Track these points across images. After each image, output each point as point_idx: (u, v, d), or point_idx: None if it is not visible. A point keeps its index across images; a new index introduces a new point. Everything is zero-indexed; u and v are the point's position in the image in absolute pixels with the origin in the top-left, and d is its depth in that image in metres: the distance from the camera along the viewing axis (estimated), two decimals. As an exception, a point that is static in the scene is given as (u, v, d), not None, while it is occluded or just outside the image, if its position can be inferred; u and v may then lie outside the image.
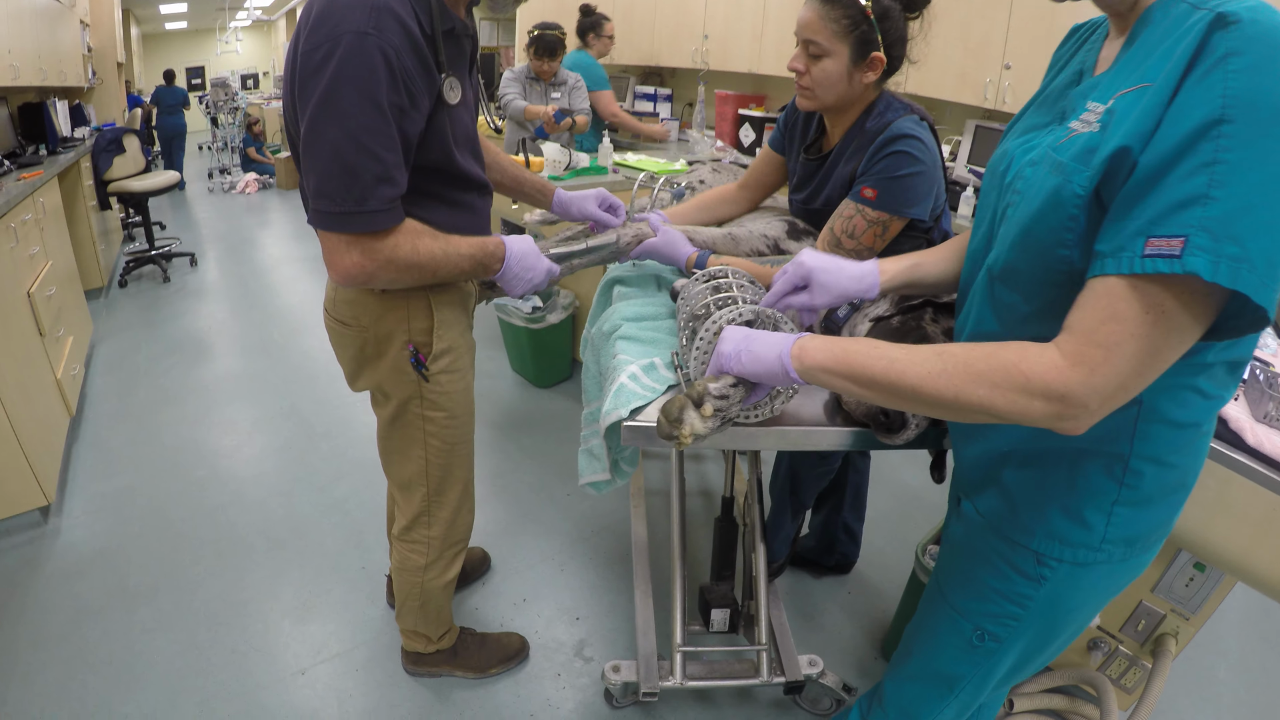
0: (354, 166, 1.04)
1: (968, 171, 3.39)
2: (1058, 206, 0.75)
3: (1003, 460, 0.94)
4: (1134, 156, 0.68)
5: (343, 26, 1.01)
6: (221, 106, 8.54)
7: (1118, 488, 0.86)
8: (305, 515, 2.41)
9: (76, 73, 5.32)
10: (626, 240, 1.48)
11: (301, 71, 1.04)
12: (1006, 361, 0.73)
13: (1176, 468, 0.86)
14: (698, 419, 0.85)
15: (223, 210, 7.26)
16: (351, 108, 1.02)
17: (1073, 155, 0.75)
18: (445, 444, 1.46)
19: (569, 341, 3.32)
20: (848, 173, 1.43)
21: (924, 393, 0.77)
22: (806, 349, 0.86)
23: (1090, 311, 0.70)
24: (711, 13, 4.62)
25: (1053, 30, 2.90)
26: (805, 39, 1.34)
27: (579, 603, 2.08)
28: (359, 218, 1.07)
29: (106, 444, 2.84)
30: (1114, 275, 0.68)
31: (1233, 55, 0.63)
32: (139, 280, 4.93)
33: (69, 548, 2.25)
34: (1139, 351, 0.68)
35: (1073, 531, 0.89)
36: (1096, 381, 0.69)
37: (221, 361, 3.63)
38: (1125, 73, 0.76)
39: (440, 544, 1.57)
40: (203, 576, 2.13)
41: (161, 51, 16.26)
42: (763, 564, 1.72)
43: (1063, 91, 0.89)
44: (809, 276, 1.08)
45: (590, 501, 2.50)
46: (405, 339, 1.33)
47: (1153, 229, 0.65)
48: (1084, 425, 0.72)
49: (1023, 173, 0.84)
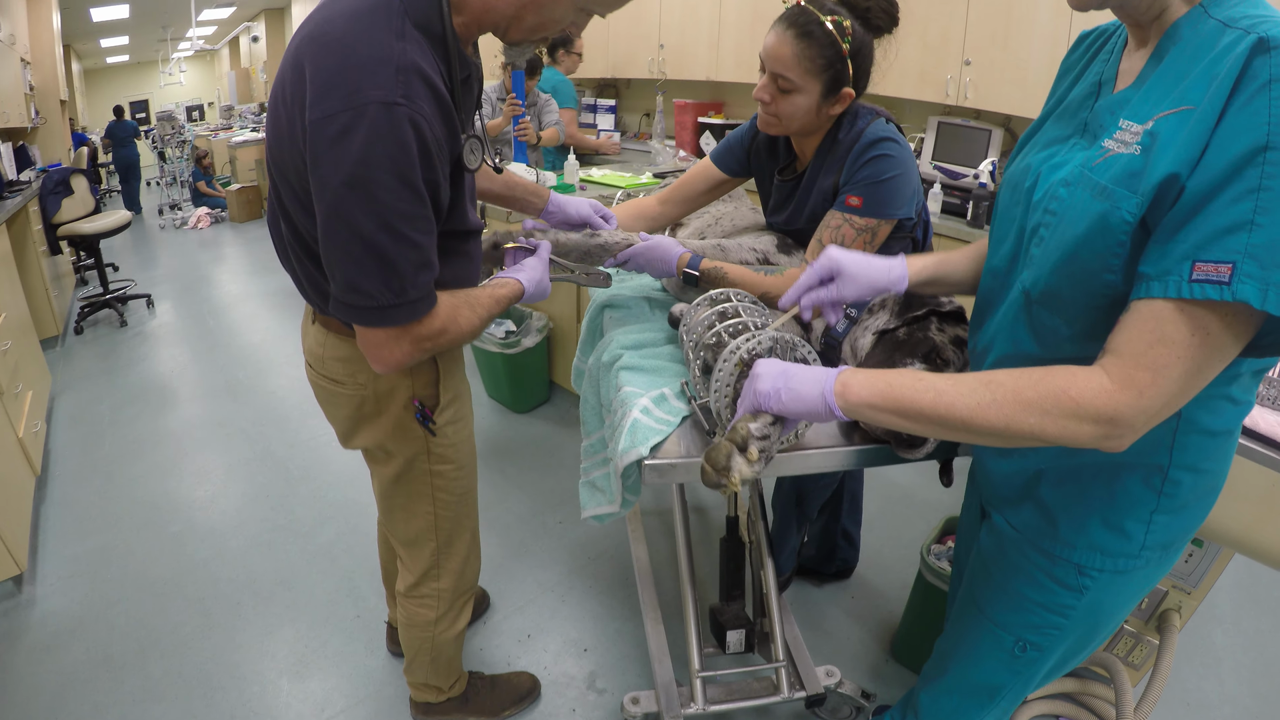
0: (393, 259, 0.94)
1: (933, 168, 3.42)
2: (1105, 232, 0.74)
3: (1038, 477, 0.94)
4: (1181, 182, 0.68)
5: (366, 94, 0.87)
6: (169, 140, 8.35)
7: (1156, 497, 0.87)
8: (291, 565, 2.33)
9: (19, 113, 5.15)
10: (615, 240, 1.44)
11: (315, 145, 0.90)
12: (1055, 388, 0.73)
13: (1210, 473, 0.88)
14: (744, 464, 0.83)
15: (176, 247, 7.06)
16: (385, 194, 0.90)
17: (1114, 179, 0.74)
18: (454, 496, 1.38)
19: (545, 364, 3.28)
20: (829, 185, 1.42)
21: (975, 424, 0.77)
22: (850, 385, 0.84)
23: (1137, 334, 0.70)
24: (667, 22, 4.63)
25: (1010, 25, 2.96)
26: (775, 72, 1.31)
27: (585, 633, 2.04)
28: (402, 310, 0.98)
29: (76, 503, 2.72)
30: (1160, 299, 0.68)
31: (1276, 81, 0.64)
32: (95, 326, 4.76)
33: (47, 617, 2.14)
34: (1185, 373, 0.69)
35: (1113, 542, 0.90)
36: (1145, 404, 0.70)
37: (187, 407, 3.51)
38: (1160, 92, 0.75)
39: (450, 595, 1.50)
40: (190, 638, 2.04)
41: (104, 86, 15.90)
42: (773, 580, 1.69)
43: (1082, 102, 0.88)
44: (838, 268, 1.08)
45: (584, 528, 2.45)
46: (409, 395, 1.23)
47: (1199, 253, 0.66)
48: (1128, 443, 0.73)
49: (1056, 193, 0.83)
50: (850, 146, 1.36)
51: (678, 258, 1.43)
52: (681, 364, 1.31)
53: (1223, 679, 1.94)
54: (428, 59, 0.94)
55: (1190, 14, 0.75)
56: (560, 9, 1.02)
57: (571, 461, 2.86)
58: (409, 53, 0.90)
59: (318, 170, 0.91)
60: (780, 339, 1.04)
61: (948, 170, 3.36)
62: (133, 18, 10.35)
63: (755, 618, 1.78)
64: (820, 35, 1.26)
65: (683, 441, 1.10)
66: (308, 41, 0.93)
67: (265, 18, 11.99)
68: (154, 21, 11.15)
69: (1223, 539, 1.25)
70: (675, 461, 1.07)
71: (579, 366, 1.71)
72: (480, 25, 1.04)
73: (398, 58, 0.89)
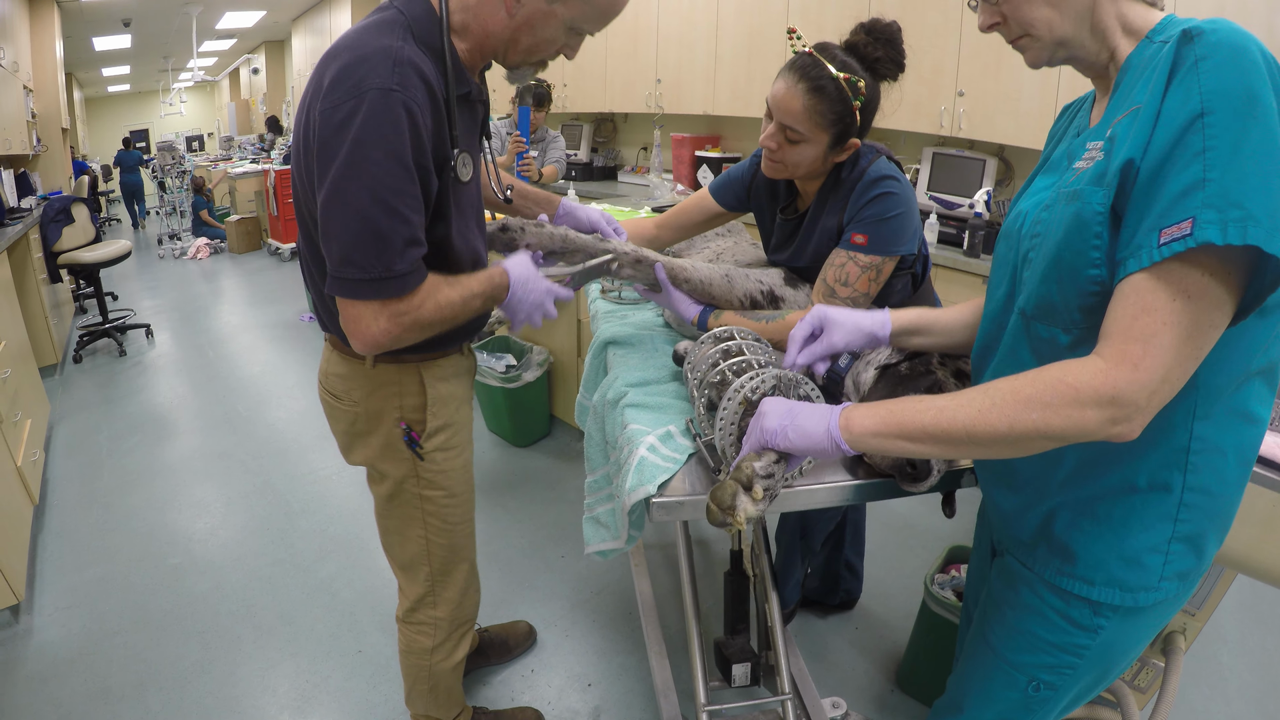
0: (384, 231, 1.01)
1: (928, 198, 3.47)
2: (1081, 228, 0.77)
3: (1051, 515, 0.94)
4: (1136, 165, 0.73)
5: (367, 82, 0.97)
6: (169, 170, 8.39)
7: (1172, 524, 0.86)
8: (292, 599, 2.31)
9: (21, 140, 5.19)
10: (628, 259, 1.42)
11: (321, 131, 1.00)
12: (1052, 379, 0.74)
13: (1223, 497, 0.87)
14: (749, 503, 0.83)
15: (176, 278, 7.09)
16: (379, 169, 0.98)
17: (1086, 182, 0.79)
18: (446, 523, 1.40)
19: (546, 399, 3.29)
20: (833, 224, 1.43)
21: (978, 431, 0.77)
22: (853, 418, 0.85)
23: (1122, 311, 0.72)
24: (664, 56, 4.70)
25: (1001, 57, 3.02)
26: (784, 124, 1.33)
27: (589, 668, 2.02)
28: (390, 283, 1.04)
29: (74, 533, 2.71)
30: (1137, 273, 0.71)
31: (1202, 60, 0.70)
32: (94, 355, 4.76)
33: (44, 648, 2.12)
34: (1176, 338, 0.70)
35: (1132, 575, 0.89)
36: (1142, 376, 0.70)
37: (186, 439, 3.50)
38: (1116, 108, 0.81)
39: (448, 625, 1.51)
40: (190, 672, 2.02)
41: (105, 115, 16.05)
42: (777, 613, 1.69)
43: (1065, 154, 0.92)
44: (824, 319, 1.14)
45: (586, 562, 2.44)
46: (397, 416, 1.29)
47: (1163, 221, 0.69)
48: (1138, 426, 0.73)
49: (1039, 218, 0.87)
50: (854, 185, 1.38)
51: (691, 318, 1.47)
52: (686, 400, 1.32)
53: (1229, 700, 1.94)
54: (426, 64, 1.04)
55: (1138, 46, 0.82)
56: (551, 29, 1.10)
57: (573, 495, 2.86)
58: (406, 51, 1.01)
59: (323, 153, 1.00)
60: (784, 377, 1.05)
61: (943, 200, 3.41)
62: (134, 48, 10.49)
63: (760, 650, 1.77)
64: (832, 91, 1.28)
65: (688, 479, 1.11)
66: (326, 55, 1.04)
67: (265, 50, 12.15)
68: (155, 52, 11.30)
69: (1226, 560, 1.26)
70: (682, 499, 1.07)
71: (583, 402, 1.72)
72: (482, 51, 1.14)
73: (396, 53, 1.00)
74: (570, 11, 1.08)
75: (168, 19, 8.71)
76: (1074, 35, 0.84)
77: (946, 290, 3.01)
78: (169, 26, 9.16)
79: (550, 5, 1.07)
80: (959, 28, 3.16)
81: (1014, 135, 3.10)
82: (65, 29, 7.61)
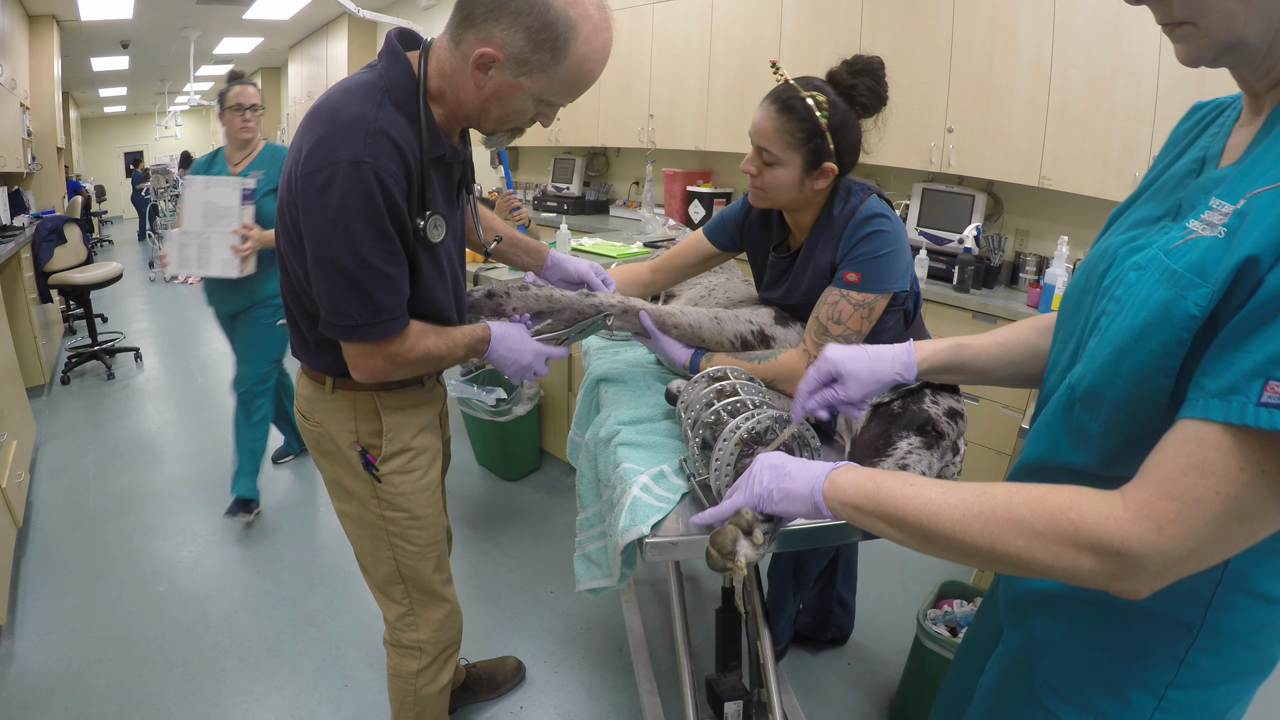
0: (366, 286, 1.11)
1: (918, 234, 3.51)
2: (1166, 325, 0.61)
3: (1044, 600, 0.81)
4: (1261, 271, 0.54)
5: (339, 153, 1.05)
6: (162, 193, 8.40)
7: (1177, 666, 0.71)
8: (278, 631, 2.28)
9: (16, 157, 5.18)
10: (614, 311, 1.45)
11: (304, 192, 1.08)
12: (1053, 506, 0.62)
13: (1257, 650, 0.70)
14: (749, 547, 0.84)
15: (165, 302, 7.06)
16: (359, 235, 1.07)
17: (1189, 264, 0.61)
18: (415, 546, 1.43)
19: (536, 433, 3.28)
20: (825, 262, 1.44)
21: (958, 539, 0.67)
22: (837, 484, 0.79)
23: (1172, 456, 0.57)
24: (657, 92, 4.75)
25: (990, 93, 3.08)
26: (759, 145, 1.37)
27: (579, 706, 2.00)
28: (375, 328, 1.15)
29: (58, 557, 2.67)
30: (1212, 420, 0.55)
31: None
32: (82, 377, 4.73)
33: (24, 674, 2.09)
34: (1222, 515, 0.55)
35: (1110, 708, 0.74)
36: (1163, 542, 0.56)
37: (173, 465, 3.47)
38: (1262, 168, 0.61)
39: (432, 649, 1.53)
40: (173, 703, 1.99)
41: (100, 135, 16.06)
42: (769, 650, 1.68)
43: (1180, 181, 0.74)
44: (838, 370, 1.00)
45: (576, 598, 2.42)
46: (353, 440, 1.34)
47: (1275, 369, 0.52)
48: (1142, 591, 0.60)
49: (1125, 277, 0.69)
50: (845, 223, 1.40)
51: (682, 362, 1.49)
52: (679, 439, 1.32)
53: None
54: (401, 130, 1.10)
55: None
56: (519, 101, 1.14)
57: (563, 530, 2.84)
58: (380, 119, 1.07)
59: (308, 215, 1.09)
60: (779, 418, 1.06)
61: (933, 236, 3.45)
62: (132, 69, 10.51)
63: (752, 688, 1.76)
64: (800, 110, 1.32)
65: (682, 519, 1.11)
66: (309, 113, 1.12)
67: (262, 76, 12.22)
68: (153, 74, 11.33)
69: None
70: (675, 540, 1.07)
71: (575, 439, 1.72)
72: (457, 117, 1.20)
73: (369, 123, 1.06)
74: (536, 85, 1.11)
75: (166, 42, 8.76)
76: (1257, 41, 0.61)
77: (937, 325, 3.04)
78: (167, 50, 9.21)
79: (516, 79, 1.10)
80: (948, 65, 3.22)
81: (1003, 170, 3.15)
82: (64, 48, 7.64)
